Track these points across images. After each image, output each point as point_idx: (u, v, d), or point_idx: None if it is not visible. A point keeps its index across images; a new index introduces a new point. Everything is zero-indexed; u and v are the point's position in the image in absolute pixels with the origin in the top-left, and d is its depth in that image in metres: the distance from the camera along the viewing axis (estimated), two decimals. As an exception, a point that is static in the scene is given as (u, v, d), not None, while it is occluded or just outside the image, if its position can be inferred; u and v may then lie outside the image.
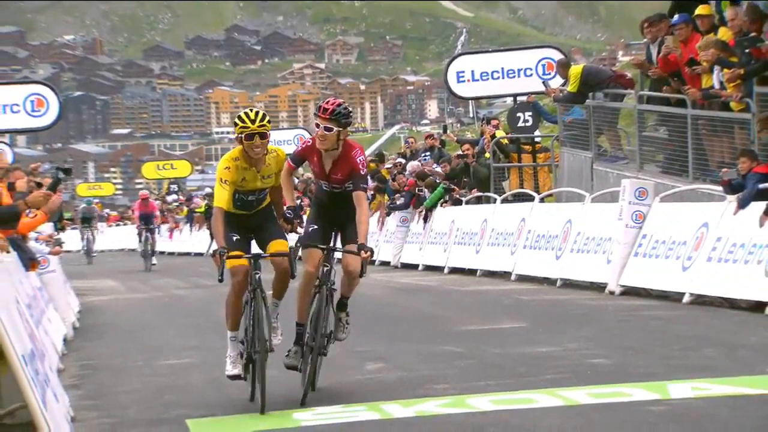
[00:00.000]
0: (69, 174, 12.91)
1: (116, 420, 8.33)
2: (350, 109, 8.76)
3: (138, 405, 8.86)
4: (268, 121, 8.59)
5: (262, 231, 8.92)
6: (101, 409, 8.78)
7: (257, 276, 8.54)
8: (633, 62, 18.26)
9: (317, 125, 8.58)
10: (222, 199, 8.57)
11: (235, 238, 8.66)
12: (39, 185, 14.88)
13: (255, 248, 8.98)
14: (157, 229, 33.52)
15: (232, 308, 8.71)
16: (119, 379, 10.23)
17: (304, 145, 8.96)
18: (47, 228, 16.26)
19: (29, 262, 12.06)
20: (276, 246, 8.77)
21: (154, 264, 30.82)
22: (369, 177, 27.22)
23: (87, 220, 41.48)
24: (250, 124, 8.46)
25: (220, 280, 8.23)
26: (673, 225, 14.32)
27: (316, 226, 8.88)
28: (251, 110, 8.61)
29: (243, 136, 8.49)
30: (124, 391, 9.51)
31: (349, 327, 8.99)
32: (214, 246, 8.52)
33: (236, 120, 8.56)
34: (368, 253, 8.46)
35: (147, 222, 31.43)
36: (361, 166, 8.65)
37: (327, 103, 8.65)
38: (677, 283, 13.64)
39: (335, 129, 8.53)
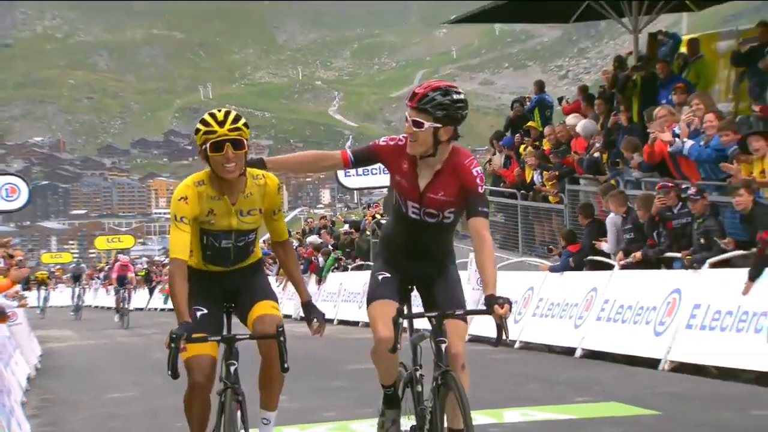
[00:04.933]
0: None
1: (69, 443, 8.04)
2: (458, 96, 4.44)
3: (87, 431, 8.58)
4: (245, 125, 4.55)
5: (245, 293, 4.80)
6: (57, 435, 8.47)
7: (233, 368, 4.56)
8: (490, 171, 18.97)
9: (406, 119, 4.51)
10: (179, 246, 4.45)
11: (200, 313, 4.66)
12: (11, 256, 14.44)
13: (236, 325, 4.85)
14: (133, 290, 29.50)
15: (195, 415, 4.70)
16: (72, 410, 9.88)
17: (390, 142, 4.63)
18: (15, 287, 15.83)
19: (1, 316, 11.66)
20: (261, 310, 4.74)
21: (131, 310, 26.10)
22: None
23: (77, 278, 37.09)
24: (216, 128, 4.46)
25: (173, 376, 4.28)
26: (508, 288, 14.48)
27: (388, 274, 4.79)
28: (218, 110, 4.56)
29: (208, 146, 4.47)
30: (76, 420, 9.18)
31: None
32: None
33: (198, 125, 4.54)
34: (505, 307, 4.34)
35: (123, 283, 27.59)
36: (478, 182, 4.54)
37: (421, 86, 4.52)
38: (512, 333, 13.81)
39: (427, 124, 4.42)
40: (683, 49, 14.87)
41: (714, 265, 10.24)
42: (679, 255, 10.88)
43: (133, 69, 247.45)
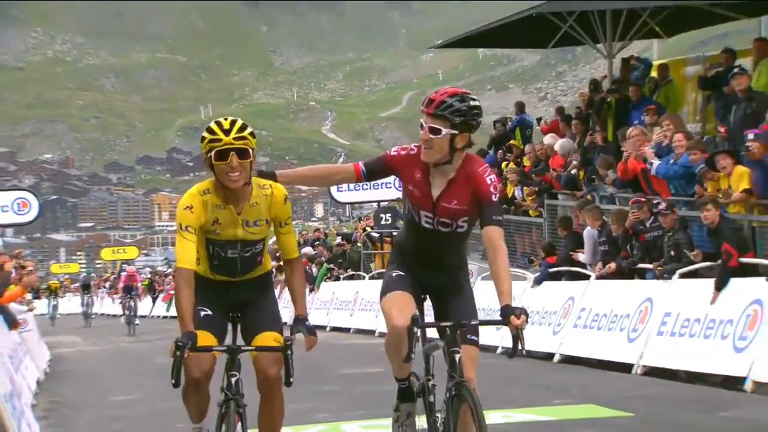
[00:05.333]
0: None
1: (76, 444, 8.00)
2: (474, 103, 4.13)
3: (93, 432, 8.54)
4: (251, 134, 4.25)
5: (251, 312, 4.53)
6: (65, 436, 8.44)
7: (234, 380, 4.32)
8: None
9: (421, 126, 4.16)
10: (185, 255, 4.19)
11: (204, 313, 4.41)
12: (22, 267, 14.43)
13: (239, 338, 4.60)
14: (138, 298, 29.01)
15: (193, 405, 4.52)
16: (79, 413, 9.84)
17: (401, 152, 4.29)
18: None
19: (12, 323, 11.64)
20: (264, 342, 4.44)
21: (137, 324, 25.69)
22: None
23: (86, 287, 36.36)
24: (222, 136, 4.16)
25: (175, 385, 4.12)
26: (492, 297, 14.52)
27: (402, 273, 4.46)
28: (224, 119, 4.23)
29: (213, 154, 4.17)
30: (83, 422, 9.15)
31: None
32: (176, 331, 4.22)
33: (204, 133, 4.24)
34: (522, 317, 4.17)
35: (130, 292, 26.97)
36: (492, 190, 4.23)
37: (437, 92, 4.15)
38: (493, 338, 13.82)
39: (445, 131, 4.09)
40: (654, 74, 14.99)
41: (683, 276, 10.29)
42: (650, 266, 10.93)
43: (138, 90, 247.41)
